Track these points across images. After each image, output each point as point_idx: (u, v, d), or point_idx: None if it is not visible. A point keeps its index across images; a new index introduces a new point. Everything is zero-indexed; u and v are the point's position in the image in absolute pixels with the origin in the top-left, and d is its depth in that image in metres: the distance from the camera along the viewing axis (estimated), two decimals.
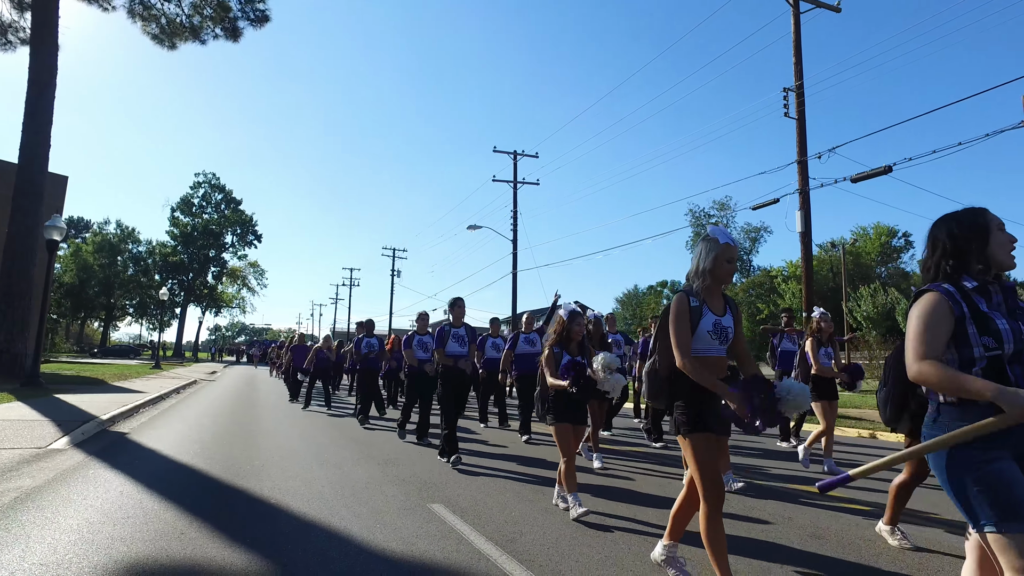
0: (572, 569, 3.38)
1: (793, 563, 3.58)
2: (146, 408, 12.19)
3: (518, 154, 30.28)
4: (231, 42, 20.59)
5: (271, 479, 5.65)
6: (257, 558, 3.45)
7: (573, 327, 4.84)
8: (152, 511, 4.41)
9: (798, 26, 14.95)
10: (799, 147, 14.66)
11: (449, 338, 7.03)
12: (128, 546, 3.59)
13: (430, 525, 4.21)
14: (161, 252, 64.73)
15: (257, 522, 4.23)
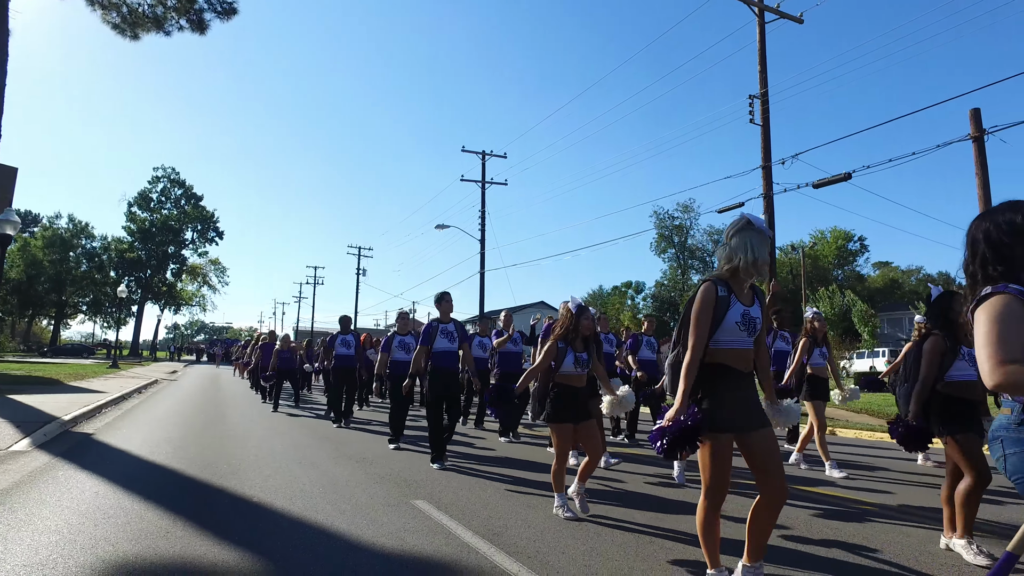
0: (559, 559, 3.49)
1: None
2: (108, 408, 11.86)
3: (486, 154, 30.33)
4: (198, 34, 20.06)
5: (250, 478, 5.61)
6: (249, 554, 3.46)
7: (582, 321, 4.58)
8: (133, 511, 4.36)
9: (763, 36, 15.41)
10: (763, 153, 15.10)
11: (437, 335, 6.67)
12: (113, 546, 3.55)
13: (416, 521, 4.27)
14: (117, 248, 62.61)
15: (243, 520, 4.23)
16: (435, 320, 6.85)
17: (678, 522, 4.39)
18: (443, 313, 6.79)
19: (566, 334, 4.58)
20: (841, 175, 13.39)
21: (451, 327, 6.77)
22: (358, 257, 51.97)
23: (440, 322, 6.78)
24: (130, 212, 62.54)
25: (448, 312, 6.80)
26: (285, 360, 13.13)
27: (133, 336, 65.53)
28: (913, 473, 6.84)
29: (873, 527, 4.39)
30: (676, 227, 67.26)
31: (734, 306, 2.80)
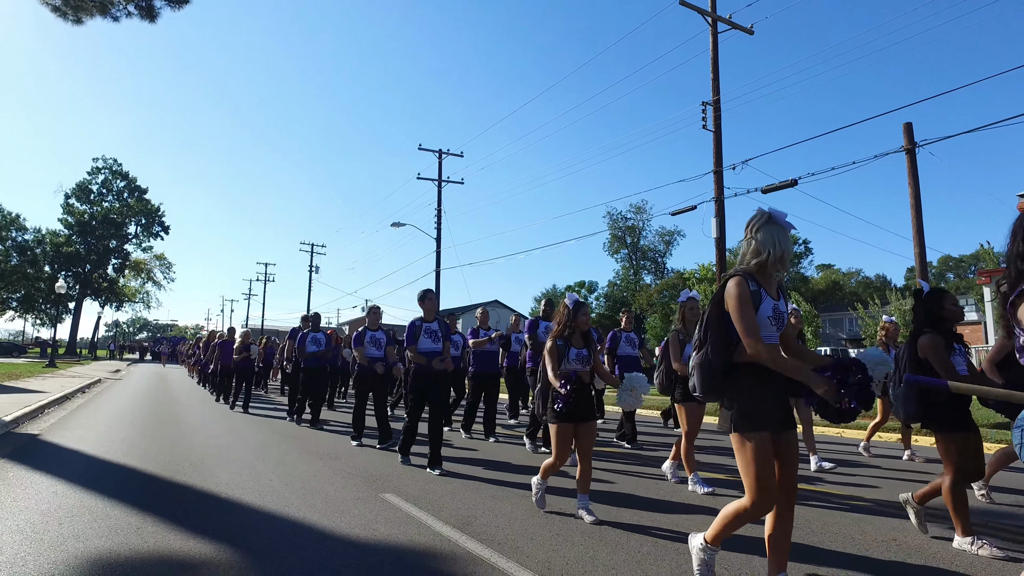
0: (527, 544, 3.67)
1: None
2: (51, 409, 11.43)
3: (443, 152, 30.34)
4: (147, 22, 19.43)
5: (215, 475, 5.59)
6: (226, 548, 3.52)
7: (579, 318, 4.49)
8: (98, 509, 4.32)
9: (716, 45, 15.97)
10: (715, 158, 15.66)
11: (421, 334, 6.46)
12: (83, 543, 3.55)
13: (387, 513, 4.39)
14: (53, 242, 59.59)
15: (215, 515, 4.26)
16: (418, 319, 6.59)
17: (642, 514, 4.64)
18: (427, 312, 6.58)
19: (564, 331, 4.49)
20: (788, 181, 14.05)
21: (435, 326, 6.56)
22: (311, 254, 51.10)
23: (424, 321, 6.55)
24: (67, 204, 59.64)
25: (432, 310, 6.59)
26: (244, 358, 12.74)
27: (70, 334, 62.53)
28: (899, 469, 6.78)
29: (868, 520, 4.48)
30: (629, 228, 68.56)
31: (765, 300, 2.76)
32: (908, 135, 11.48)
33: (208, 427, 9.38)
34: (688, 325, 5.75)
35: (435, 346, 6.48)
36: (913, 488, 4.39)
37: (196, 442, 7.68)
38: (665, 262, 71.06)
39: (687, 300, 5.89)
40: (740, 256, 2.89)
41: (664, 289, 63.36)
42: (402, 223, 29.97)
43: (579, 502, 4.38)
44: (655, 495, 5.21)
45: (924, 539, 3.99)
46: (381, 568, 3.24)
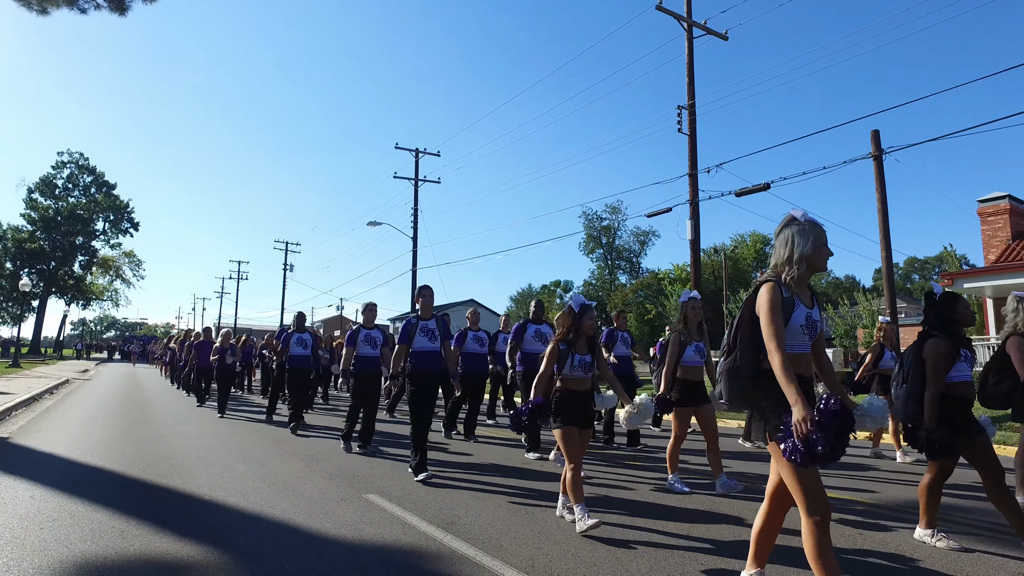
0: (511, 543, 3.78)
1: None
2: (19, 411, 11.18)
3: (420, 152, 30.28)
4: (117, 15, 19.04)
5: (196, 477, 5.58)
6: (213, 549, 3.55)
7: (584, 321, 4.35)
8: (78, 513, 4.30)
9: (691, 51, 16.25)
10: (690, 161, 15.94)
11: (417, 332, 6.03)
12: (67, 547, 3.55)
13: (371, 513, 4.45)
14: (15, 238, 57.85)
15: (199, 517, 4.27)
16: (414, 316, 6.18)
17: (625, 515, 4.77)
18: (423, 309, 6.15)
19: (568, 335, 4.35)
20: (761, 185, 14.38)
21: (432, 324, 6.14)
22: (285, 252, 50.53)
23: (420, 318, 6.12)
24: (30, 199, 57.99)
25: (429, 307, 6.15)
26: (223, 359, 12.26)
27: (34, 333, 60.83)
28: (895, 472, 6.76)
29: (870, 526, 4.42)
30: (604, 228, 69.11)
31: (798, 308, 2.66)
32: (875, 142, 11.86)
33: (184, 428, 9.29)
34: (690, 325, 5.61)
35: (432, 345, 6.04)
36: (911, 490, 4.51)
37: (173, 444, 7.62)
38: (640, 262, 71.83)
39: (689, 300, 5.69)
40: (772, 264, 2.78)
41: (639, 289, 64.01)
42: (378, 222, 29.82)
43: (564, 500, 4.41)
44: (634, 496, 5.35)
45: (903, 542, 4.19)
46: (368, 568, 3.31)
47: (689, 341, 5.60)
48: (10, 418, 10.13)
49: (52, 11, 20.93)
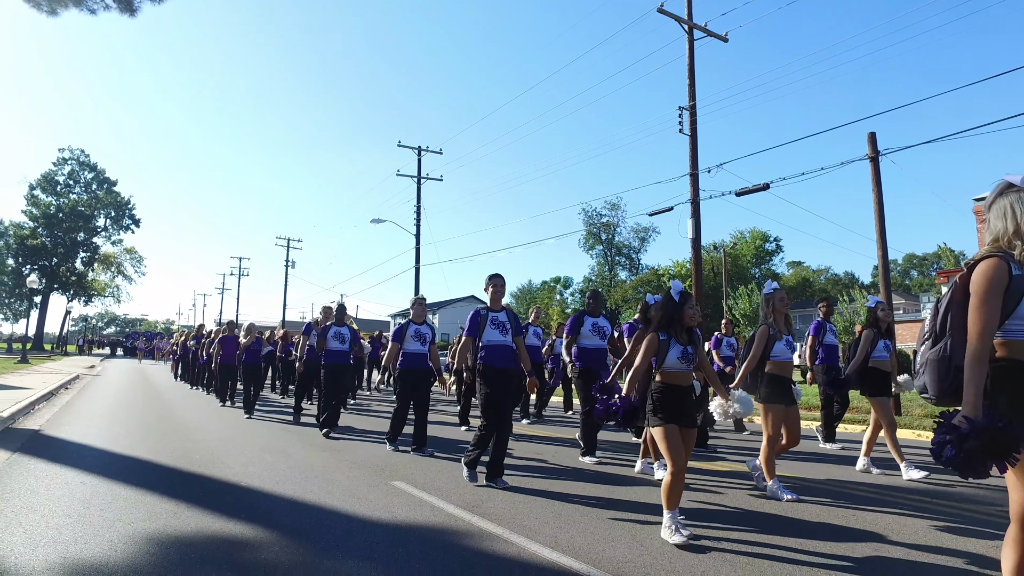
0: (533, 523, 4.12)
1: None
2: (40, 405, 11.51)
3: (422, 149, 30.56)
4: (127, 16, 19.27)
5: (228, 466, 5.92)
6: (261, 528, 3.89)
7: (687, 311, 4.04)
8: (130, 496, 4.64)
9: (692, 52, 16.56)
10: (691, 161, 16.26)
11: (487, 325, 5.56)
12: (129, 526, 3.88)
13: (400, 498, 4.79)
14: (17, 234, 58.08)
15: (240, 501, 4.61)
16: (483, 307, 5.71)
17: (640, 496, 5.12)
18: (493, 299, 5.63)
19: (669, 324, 4.03)
20: (760, 185, 14.71)
21: (503, 316, 5.60)
22: (287, 248, 50.78)
23: (490, 309, 5.63)
24: (32, 195, 58.22)
25: (499, 297, 5.63)
26: (253, 354, 11.45)
27: (37, 329, 61.09)
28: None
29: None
30: (604, 224, 69.42)
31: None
32: (872, 144, 12.18)
33: (207, 422, 9.63)
34: (778, 318, 5.25)
35: (504, 340, 5.53)
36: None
37: (198, 437, 7.96)
38: (640, 258, 72.19)
39: (774, 292, 5.31)
40: (991, 240, 2.36)
41: (639, 285, 64.39)
42: (381, 219, 30.11)
43: (672, 519, 3.81)
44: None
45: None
46: (408, 543, 3.65)
47: (779, 335, 5.21)
48: (34, 412, 10.46)
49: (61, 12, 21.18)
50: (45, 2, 21.77)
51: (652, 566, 3.33)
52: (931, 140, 26.32)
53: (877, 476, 6.15)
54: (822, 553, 3.62)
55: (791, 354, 5.26)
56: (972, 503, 5.09)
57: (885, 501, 5.07)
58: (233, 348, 12.13)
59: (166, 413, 10.90)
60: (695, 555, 3.52)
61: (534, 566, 3.30)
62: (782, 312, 5.30)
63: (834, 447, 7.97)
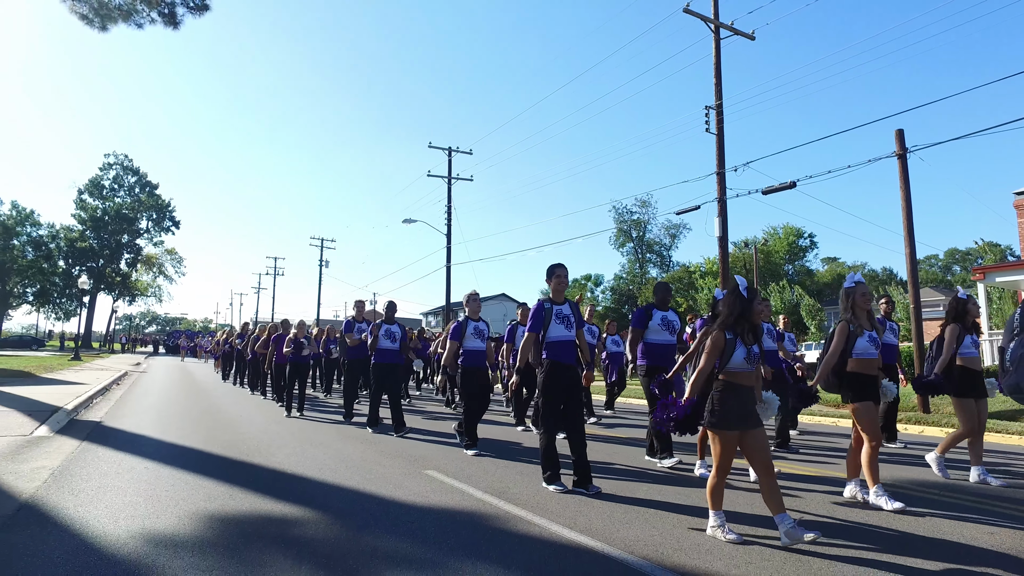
0: (555, 507, 4.45)
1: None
2: (97, 399, 12.28)
3: (453, 150, 31.04)
4: (171, 29, 20.15)
5: (274, 456, 6.40)
6: (310, 510, 4.31)
7: (755, 307, 3.86)
8: (189, 480, 5.13)
9: (718, 52, 16.61)
10: (718, 160, 16.33)
11: (552, 319, 5.23)
12: (192, 504, 4.34)
13: (433, 485, 5.17)
14: (67, 237, 60.69)
15: (288, 486, 5.06)
16: (546, 300, 5.36)
17: (668, 491, 5.41)
18: (555, 291, 5.32)
19: (737, 322, 3.82)
20: (787, 183, 14.73)
21: (566, 309, 5.28)
22: (321, 248, 51.95)
23: (553, 302, 5.29)
24: (80, 200, 60.75)
25: (562, 290, 5.32)
26: (298, 352, 10.78)
27: (85, 327, 63.75)
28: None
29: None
30: (634, 222, 69.12)
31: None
32: (900, 141, 12.13)
33: (251, 417, 10.21)
34: (859, 313, 4.89)
35: (568, 334, 5.22)
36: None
37: (243, 430, 8.49)
38: (671, 255, 71.66)
39: (855, 285, 4.96)
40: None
41: (670, 282, 64.08)
42: (413, 220, 30.69)
43: (783, 525, 3.61)
44: (677, 473, 5.97)
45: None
46: (441, 523, 4.02)
47: (860, 331, 4.84)
48: (93, 405, 11.20)
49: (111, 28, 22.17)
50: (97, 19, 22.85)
51: (662, 544, 3.63)
52: (959, 137, 25.71)
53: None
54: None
55: (875, 351, 4.88)
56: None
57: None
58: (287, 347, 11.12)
59: (211, 408, 11.54)
60: (700, 534, 3.80)
61: (553, 543, 3.64)
62: (864, 307, 4.93)
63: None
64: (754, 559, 3.41)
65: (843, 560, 3.41)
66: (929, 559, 3.48)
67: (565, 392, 5.12)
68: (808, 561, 3.38)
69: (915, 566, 3.36)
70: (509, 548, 3.54)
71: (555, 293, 5.34)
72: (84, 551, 3.33)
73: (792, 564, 3.35)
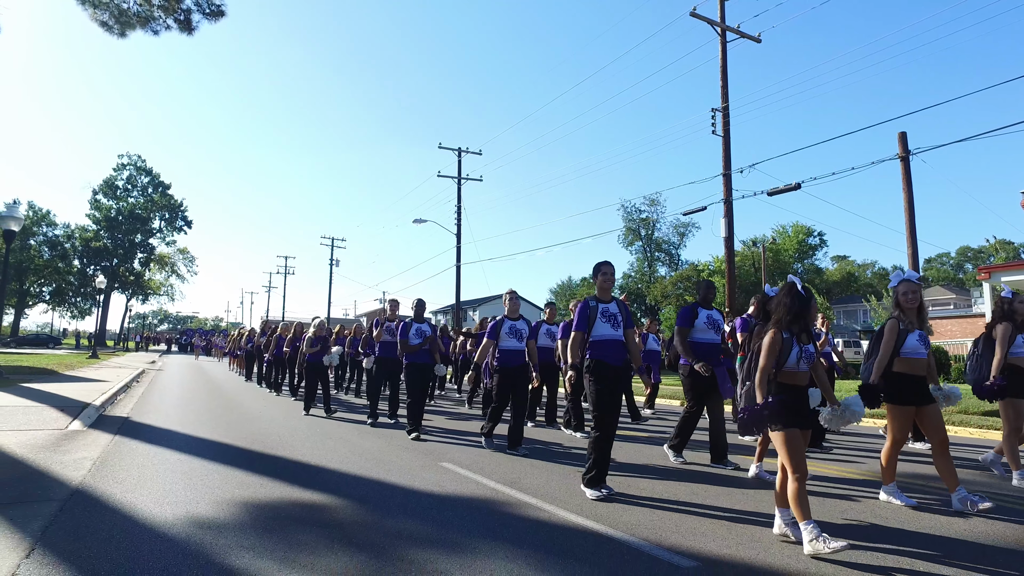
0: (563, 495, 4.77)
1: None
2: (120, 396, 12.71)
3: (462, 151, 31.37)
4: (186, 35, 20.60)
5: (297, 449, 6.76)
6: (335, 497, 4.66)
7: (802, 306, 3.71)
8: (221, 470, 5.49)
9: (724, 54, 16.84)
10: (724, 162, 16.58)
11: (597, 317, 5.07)
12: (226, 492, 4.69)
13: (448, 475, 5.51)
14: (82, 237, 61.65)
15: (312, 476, 5.41)
16: (592, 298, 5.18)
17: (672, 485, 5.72)
18: (602, 289, 5.17)
19: (794, 321, 3.70)
20: (792, 185, 14.97)
21: (613, 308, 5.11)
22: (331, 248, 52.56)
23: (599, 301, 5.14)
24: (95, 200, 61.65)
25: (608, 287, 5.15)
26: (319, 353, 10.78)
27: (100, 326, 64.71)
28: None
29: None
30: (643, 220, 69.23)
31: None
32: (903, 144, 12.35)
33: (269, 413, 10.60)
34: (906, 311, 4.73)
35: (616, 334, 5.05)
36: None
37: (264, 426, 8.87)
38: (679, 254, 71.72)
39: (899, 283, 4.79)
40: None
41: (678, 281, 64.10)
42: (424, 220, 31.05)
43: (785, 517, 3.78)
44: (670, 466, 6.27)
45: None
46: (457, 510, 4.35)
47: (910, 328, 4.69)
48: (117, 402, 11.63)
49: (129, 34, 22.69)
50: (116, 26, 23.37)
51: (660, 528, 3.95)
52: (961, 139, 25.87)
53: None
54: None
55: (925, 351, 4.71)
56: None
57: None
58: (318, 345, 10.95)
59: (230, 404, 11.95)
60: (697, 518, 4.11)
61: (560, 526, 3.97)
62: (910, 306, 4.75)
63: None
64: (744, 541, 3.72)
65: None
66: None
67: (612, 394, 4.96)
68: (795, 549, 3.69)
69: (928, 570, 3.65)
70: (521, 531, 3.87)
71: (601, 291, 5.18)
72: (138, 530, 3.69)
73: (778, 548, 3.65)
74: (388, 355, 9.29)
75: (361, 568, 3.15)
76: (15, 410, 8.87)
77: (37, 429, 7.32)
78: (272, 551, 3.35)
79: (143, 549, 3.36)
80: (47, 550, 3.28)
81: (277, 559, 3.23)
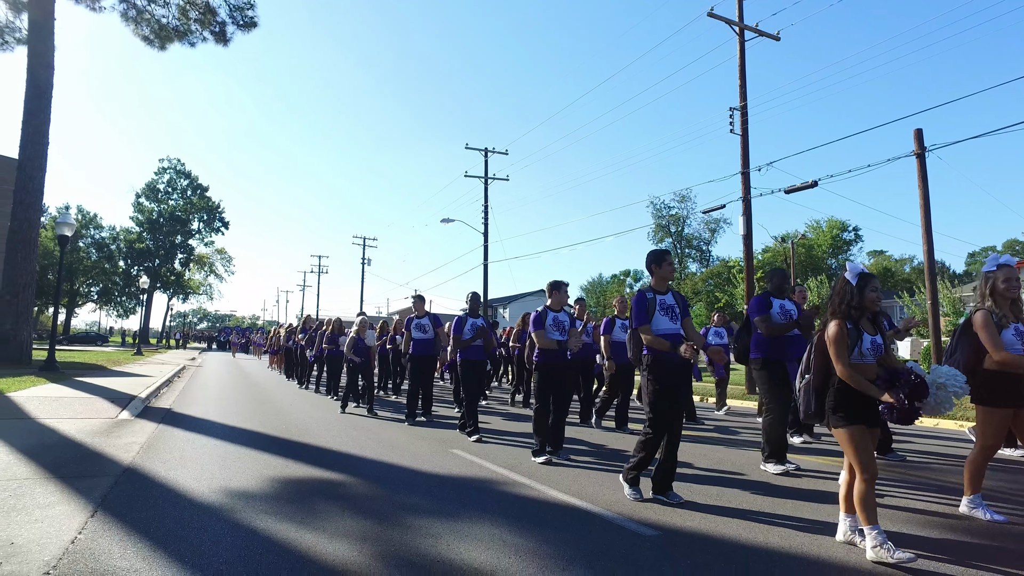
0: (556, 478, 5.24)
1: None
2: (164, 390, 13.60)
3: (489, 151, 31.88)
4: (221, 46, 21.61)
5: (323, 437, 7.36)
6: (355, 478, 5.22)
7: (868, 295, 3.47)
8: (253, 454, 6.10)
9: (743, 54, 16.97)
10: (743, 160, 16.72)
11: (656, 309, 4.74)
12: (259, 472, 5.28)
13: (457, 461, 6.02)
14: (126, 239, 64.27)
15: (335, 460, 5.99)
16: (649, 289, 4.87)
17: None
18: (658, 280, 4.85)
19: (851, 312, 3.49)
20: (809, 183, 15.07)
21: (670, 299, 4.82)
22: (363, 247, 53.70)
23: (656, 291, 4.83)
24: (138, 203, 64.17)
25: (666, 278, 4.85)
26: (362, 351, 10.65)
27: (143, 324, 67.37)
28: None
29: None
30: (673, 217, 68.87)
31: None
32: (918, 140, 12.38)
33: (298, 405, 11.29)
34: (1001, 302, 4.18)
35: (674, 327, 4.75)
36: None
37: (293, 417, 9.52)
38: (710, 250, 71.19)
39: (997, 269, 4.20)
40: None
41: (709, 277, 63.62)
42: (451, 219, 31.67)
43: (852, 523, 3.60)
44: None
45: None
46: (462, 488, 4.87)
47: (1005, 323, 4.16)
48: (160, 395, 12.48)
49: (169, 47, 23.67)
50: (156, 40, 24.41)
51: (640, 507, 4.39)
52: (977, 135, 25.25)
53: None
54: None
55: (1021, 346, 4.12)
56: None
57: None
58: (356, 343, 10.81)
59: (263, 398, 12.71)
60: (671, 507, 4.52)
61: (547, 503, 4.44)
62: (1009, 296, 4.17)
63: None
64: (716, 522, 4.13)
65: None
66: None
67: (674, 393, 4.66)
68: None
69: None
70: (508, 504, 4.36)
71: (661, 281, 4.84)
72: (179, 499, 4.29)
73: (744, 526, 4.06)
74: (423, 352, 9.06)
75: (365, 530, 3.68)
76: (72, 400, 9.71)
77: (92, 418, 8.07)
78: (292, 516, 3.90)
79: (184, 513, 3.95)
80: (106, 512, 3.89)
81: (296, 522, 3.78)
